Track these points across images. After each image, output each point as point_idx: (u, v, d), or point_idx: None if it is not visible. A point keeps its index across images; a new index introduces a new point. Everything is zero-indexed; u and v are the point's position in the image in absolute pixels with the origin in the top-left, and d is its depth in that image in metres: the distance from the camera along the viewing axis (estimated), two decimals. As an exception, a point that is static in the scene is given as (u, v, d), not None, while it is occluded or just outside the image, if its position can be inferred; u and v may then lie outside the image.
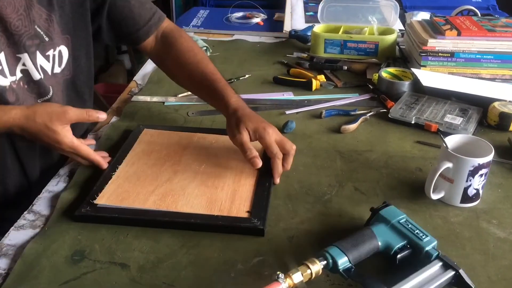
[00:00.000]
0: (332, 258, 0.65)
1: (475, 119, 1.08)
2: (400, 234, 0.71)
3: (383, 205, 0.75)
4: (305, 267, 0.64)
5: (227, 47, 1.57)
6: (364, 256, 0.68)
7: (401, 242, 0.70)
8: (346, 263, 0.66)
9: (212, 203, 0.81)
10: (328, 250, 0.66)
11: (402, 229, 0.71)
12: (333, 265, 0.65)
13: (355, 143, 1.03)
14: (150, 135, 1.02)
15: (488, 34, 1.26)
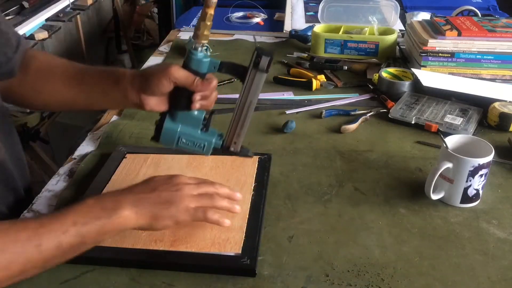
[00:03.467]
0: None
1: (475, 120, 1.08)
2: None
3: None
4: None
5: (227, 47, 1.57)
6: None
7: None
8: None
9: (199, 239, 0.73)
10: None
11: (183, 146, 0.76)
12: None
13: (355, 143, 1.03)
14: (132, 160, 0.93)
15: (488, 35, 1.26)
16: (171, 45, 1.60)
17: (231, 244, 0.72)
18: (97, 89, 0.82)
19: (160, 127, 0.75)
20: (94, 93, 0.83)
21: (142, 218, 0.66)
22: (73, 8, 2.35)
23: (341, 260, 0.72)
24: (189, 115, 0.75)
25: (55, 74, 0.85)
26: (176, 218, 0.68)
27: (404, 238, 0.76)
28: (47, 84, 0.85)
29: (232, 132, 0.76)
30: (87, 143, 1.04)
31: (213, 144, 0.76)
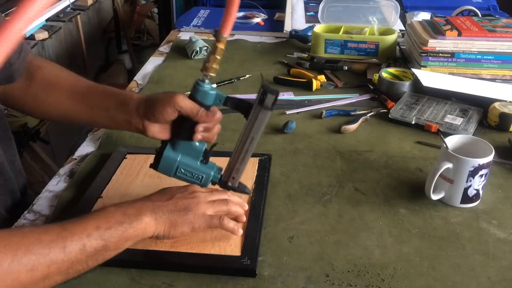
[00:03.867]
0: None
1: (476, 120, 1.08)
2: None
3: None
4: None
5: (227, 47, 1.56)
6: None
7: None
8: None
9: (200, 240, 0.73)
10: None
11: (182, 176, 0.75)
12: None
13: (355, 143, 1.03)
14: (132, 160, 0.94)
15: (488, 35, 1.26)
16: (171, 45, 1.60)
17: (231, 245, 0.73)
18: (101, 108, 0.82)
19: (160, 154, 0.74)
20: (98, 112, 0.83)
21: (160, 225, 0.68)
22: (73, 8, 2.35)
23: (341, 261, 0.72)
24: (190, 146, 0.74)
25: (60, 87, 0.85)
26: (193, 225, 0.70)
27: (404, 239, 0.76)
28: (51, 96, 0.85)
29: (232, 167, 0.75)
30: (87, 144, 1.04)
31: (211, 177, 0.76)
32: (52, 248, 0.58)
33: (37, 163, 2.18)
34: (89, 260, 0.62)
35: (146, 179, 0.88)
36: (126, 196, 0.84)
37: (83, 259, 0.61)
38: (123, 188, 0.86)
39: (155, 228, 0.67)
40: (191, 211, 0.70)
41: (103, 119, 0.83)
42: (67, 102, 0.84)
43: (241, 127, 0.72)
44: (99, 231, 0.62)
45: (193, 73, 1.38)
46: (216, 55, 0.69)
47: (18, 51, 0.82)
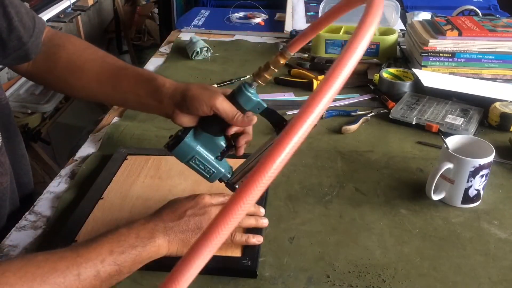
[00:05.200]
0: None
1: (476, 120, 1.08)
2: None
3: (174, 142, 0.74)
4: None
5: (228, 48, 1.57)
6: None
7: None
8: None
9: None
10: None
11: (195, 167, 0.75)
12: None
13: (356, 143, 1.03)
14: (133, 161, 0.94)
15: (489, 34, 1.26)
16: (172, 45, 1.60)
17: (232, 246, 0.73)
18: (132, 93, 0.80)
19: (180, 139, 0.73)
20: (129, 96, 0.80)
21: (173, 246, 0.68)
22: (74, 9, 2.35)
23: (342, 261, 0.72)
24: (213, 140, 0.74)
25: (87, 71, 0.82)
26: None
27: (405, 239, 0.76)
28: (78, 81, 0.83)
29: (243, 173, 0.75)
30: (88, 145, 1.04)
31: (222, 175, 0.75)
32: (67, 277, 0.58)
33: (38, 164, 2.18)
34: (103, 284, 0.61)
35: (147, 180, 0.88)
36: (127, 197, 0.84)
37: (97, 284, 0.61)
38: (124, 189, 0.86)
39: (168, 249, 0.67)
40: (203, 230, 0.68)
41: (133, 103, 0.82)
42: (96, 87, 0.82)
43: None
44: (113, 255, 0.62)
45: (193, 73, 1.38)
46: (275, 68, 0.68)
47: (30, 28, 0.80)
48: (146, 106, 0.80)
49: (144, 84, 0.78)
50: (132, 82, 0.79)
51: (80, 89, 0.84)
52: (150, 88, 0.77)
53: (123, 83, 0.80)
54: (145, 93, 0.78)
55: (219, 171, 0.75)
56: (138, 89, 0.78)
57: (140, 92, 0.78)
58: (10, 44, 0.78)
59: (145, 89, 0.78)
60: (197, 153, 0.73)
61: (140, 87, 0.78)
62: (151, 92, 0.77)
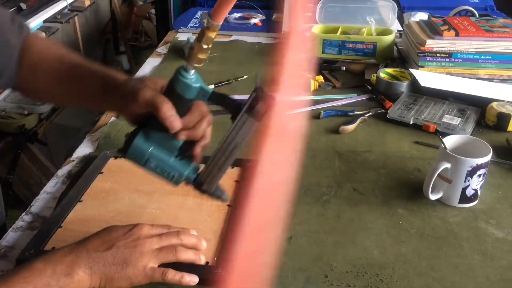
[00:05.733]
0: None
1: (473, 120, 1.08)
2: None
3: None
4: None
5: (225, 48, 1.57)
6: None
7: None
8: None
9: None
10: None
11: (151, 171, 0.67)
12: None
13: (354, 143, 1.03)
14: (117, 165, 0.92)
15: (486, 35, 1.26)
16: (169, 46, 1.60)
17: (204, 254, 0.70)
18: (84, 91, 0.74)
19: (130, 141, 0.64)
20: (82, 95, 0.75)
21: (96, 279, 0.62)
22: (70, 10, 2.35)
23: (340, 261, 0.72)
24: (165, 138, 0.64)
25: (46, 70, 0.76)
26: (131, 280, 0.63)
27: (402, 239, 0.76)
28: (40, 82, 0.77)
29: (209, 171, 0.66)
30: (85, 145, 1.03)
31: (184, 177, 0.67)
32: None
33: (34, 164, 2.18)
34: None
35: (129, 184, 0.86)
36: (107, 202, 0.82)
37: None
38: (104, 192, 0.85)
39: (89, 283, 0.61)
40: (131, 265, 0.62)
41: (90, 104, 0.77)
42: (56, 86, 0.76)
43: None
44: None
45: (191, 74, 1.37)
46: (202, 43, 0.60)
47: (7, 56, 0.74)
48: (98, 105, 0.75)
49: (96, 82, 0.71)
50: (84, 80, 0.73)
51: (43, 92, 0.79)
52: (100, 86, 0.70)
53: (76, 83, 0.74)
54: (96, 92, 0.71)
55: (181, 173, 0.66)
56: (90, 88, 0.72)
57: (92, 91, 0.72)
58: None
59: (96, 87, 0.71)
60: (150, 155, 0.65)
61: (92, 85, 0.72)
62: (102, 90, 0.70)
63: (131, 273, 0.63)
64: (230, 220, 0.56)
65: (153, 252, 0.65)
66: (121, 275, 0.62)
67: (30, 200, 0.87)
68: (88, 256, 0.62)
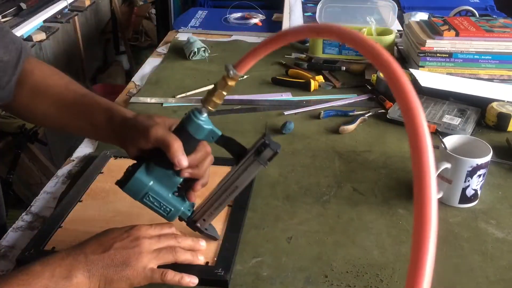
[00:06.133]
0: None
1: (473, 120, 1.09)
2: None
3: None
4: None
5: (225, 48, 1.57)
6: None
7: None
8: None
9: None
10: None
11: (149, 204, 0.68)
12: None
13: (354, 143, 1.03)
14: (117, 165, 0.92)
15: (486, 35, 1.26)
16: (169, 46, 1.60)
17: (203, 254, 0.70)
18: (86, 121, 0.75)
19: (131, 174, 0.65)
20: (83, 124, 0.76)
21: (94, 282, 0.61)
22: (71, 9, 2.35)
23: (340, 261, 0.72)
24: (167, 174, 0.66)
25: (48, 97, 0.77)
26: (131, 281, 0.63)
27: (402, 239, 0.76)
28: (39, 106, 0.78)
29: (205, 210, 0.69)
30: (85, 145, 1.03)
31: (180, 213, 0.69)
32: None
33: (35, 164, 2.18)
34: None
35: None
36: (107, 202, 0.82)
37: None
38: (104, 192, 0.85)
39: (88, 286, 0.61)
40: (130, 266, 0.62)
41: (90, 132, 0.79)
42: (55, 112, 0.77)
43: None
44: None
45: (191, 74, 1.38)
46: (224, 91, 0.62)
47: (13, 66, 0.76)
48: (101, 136, 0.76)
49: (100, 113, 0.73)
50: (89, 110, 0.75)
51: (41, 117, 0.80)
52: (104, 117, 0.72)
53: (81, 111, 0.76)
54: (99, 122, 0.73)
55: (177, 209, 0.68)
56: (94, 118, 0.74)
57: (95, 122, 0.73)
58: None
59: (100, 118, 0.73)
60: (150, 190, 0.66)
61: (96, 116, 0.73)
62: (105, 122, 0.72)
63: (130, 274, 0.62)
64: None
65: (152, 253, 0.65)
66: (120, 277, 0.62)
67: (30, 200, 0.87)
68: (86, 258, 0.62)
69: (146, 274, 0.63)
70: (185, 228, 0.72)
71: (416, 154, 0.33)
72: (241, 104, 1.20)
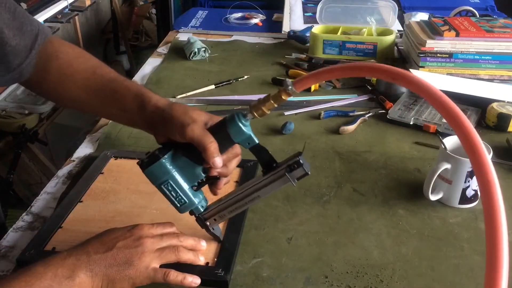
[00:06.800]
0: None
1: (474, 120, 1.08)
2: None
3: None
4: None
5: (225, 48, 1.57)
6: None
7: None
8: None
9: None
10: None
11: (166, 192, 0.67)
12: None
13: (354, 144, 1.03)
14: (117, 166, 0.92)
15: (486, 35, 1.26)
16: (169, 46, 1.60)
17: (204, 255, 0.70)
18: (117, 108, 0.74)
19: (156, 158, 0.65)
20: (114, 111, 0.75)
21: (97, 282, 0.61)
22: (71, 9, 2.35)
23: (340, 262, 0.72)
24: (191, 167, 0.66)
25: (76, 81, 0.77)
26: (133, 281, 0.62)
27: (402, 239, 0.76)
28: (67, 91, 0.78)
29: (218, 210, 0.69)
30: (85, 145, 1.04)
31: (193, 207, 0.68)
32: None
33: (35, 164, 2.18)
34: None
35: (130, 185, 0.86)
36: (107, 202, 0.82)
37: None
38: (104, 192, 0.85)
39: (91, 285, 0.61)
40: (133, 266, 0.62)
41: (119, 118, 0.78)
42: (84, 96, 0.76)
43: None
44: None
45: (191, 74, 1.38)
46: (275, 103, 0.62)
47: (27, 50, 0.76)
48: (131, 122, 0.75)
49: (130, 99, 0.72)
50: (119, 96, 0.74)
51: (69, 100, 0.80)
52: (135, 103, 0.72)
53: (110, 97, 0.75)
54: (130, 108, 0.72)
55: (191, 203, 0.68)
56: (124, 104, 0.73)
57: (126, 107, 0.73)
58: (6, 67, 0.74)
59: (131, 104, 0.72)
60: (171, 178, 0.66)
61: (126, 102, 0.73)
62: (136, 108, 0.72)
63: (133, 274, 0.62)
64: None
65: (154, 252, 0.65)
66: (122, 276, 0.62)
67: (30, 200, 0.87)
68: (89, 258, 0.61)
69: (148, 274, 0.63)
70: (183, 229, 0.72)
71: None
72: (242, 104, 1.20)
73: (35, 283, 0.57)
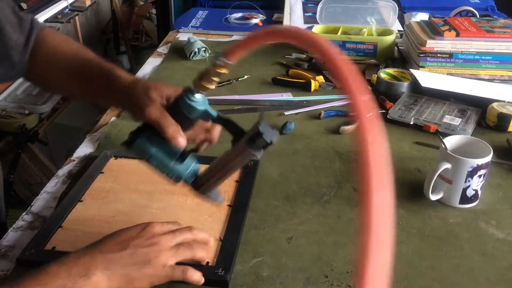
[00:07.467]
0: None
1: (474, 120, 1.08)
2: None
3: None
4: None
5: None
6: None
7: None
8: None
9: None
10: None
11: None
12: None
13: (354, 144, 1.03)
14: (117, 165, 0.92)
15: (486, 35, 1.26)
16: (169, 46, 1.60)
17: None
18: (91, 87, 0.75)
19: (135, 138, 0.66)
20: (88, 89, 0.76)
21: (114, 282, 0.60)
22: (71, 9, 2.35)
23: (340, 261, 0.72)
24: (167, 145, 0.66)
25: (59, 64, 0.77)
26: (152, 279, 0.63)
27: (403, 239, 0.76)
28: (53, 75, 0.79)
29: (207, 178, 0.68)
30: (85, 145, 1.04)
31: (183, 178, 0.68)
32: None
33: (35, 164, 2.18)
34: None
35: (130, 185, 0.86)
36: (106, 201, 0.82)
37: None
38: (104, 192, 0.85)
39: (107, 284, 0.60)
40: (151, 264, 0.62)
41: (93, 98, 0.78)
42: (65, 79, 0.77)
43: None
44: None
45: (191, 74, 1.37)
46: (212, 76, 0.61)
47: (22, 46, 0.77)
48: (103, 101, 0.76)
49: (99, 77, 0.72)
50: (92, 75, 0.74)
51: (55, 85, 0.81)
52: (103, 82, 0.72)
53: (85, 77, 0.75)
54: (99, 88, 0.72)
55: (179, 176, 0.68)
56: (94, 83, 0.73)
57: (95, 86, 0.73)
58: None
59: (99, 83, 0.72)
60: (152, 156, 0.66)
61: (96, 81, 0.73)
62: (104, 87, 0.71)
63: (152, 272, 0.62)
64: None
65: (170, 249, 0.65)
66: (141, 275, 0.62)
67: (30, 199, 0.87)
68: (103, 257, 0.61)
69: (167, 272, 0.63)
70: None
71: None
72: (242, 104, 1.20)
73: (49, 282, 0.57)
